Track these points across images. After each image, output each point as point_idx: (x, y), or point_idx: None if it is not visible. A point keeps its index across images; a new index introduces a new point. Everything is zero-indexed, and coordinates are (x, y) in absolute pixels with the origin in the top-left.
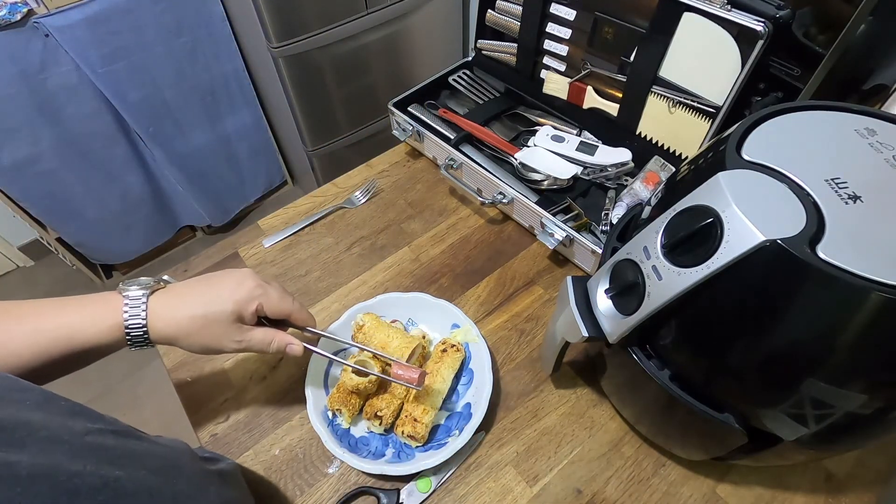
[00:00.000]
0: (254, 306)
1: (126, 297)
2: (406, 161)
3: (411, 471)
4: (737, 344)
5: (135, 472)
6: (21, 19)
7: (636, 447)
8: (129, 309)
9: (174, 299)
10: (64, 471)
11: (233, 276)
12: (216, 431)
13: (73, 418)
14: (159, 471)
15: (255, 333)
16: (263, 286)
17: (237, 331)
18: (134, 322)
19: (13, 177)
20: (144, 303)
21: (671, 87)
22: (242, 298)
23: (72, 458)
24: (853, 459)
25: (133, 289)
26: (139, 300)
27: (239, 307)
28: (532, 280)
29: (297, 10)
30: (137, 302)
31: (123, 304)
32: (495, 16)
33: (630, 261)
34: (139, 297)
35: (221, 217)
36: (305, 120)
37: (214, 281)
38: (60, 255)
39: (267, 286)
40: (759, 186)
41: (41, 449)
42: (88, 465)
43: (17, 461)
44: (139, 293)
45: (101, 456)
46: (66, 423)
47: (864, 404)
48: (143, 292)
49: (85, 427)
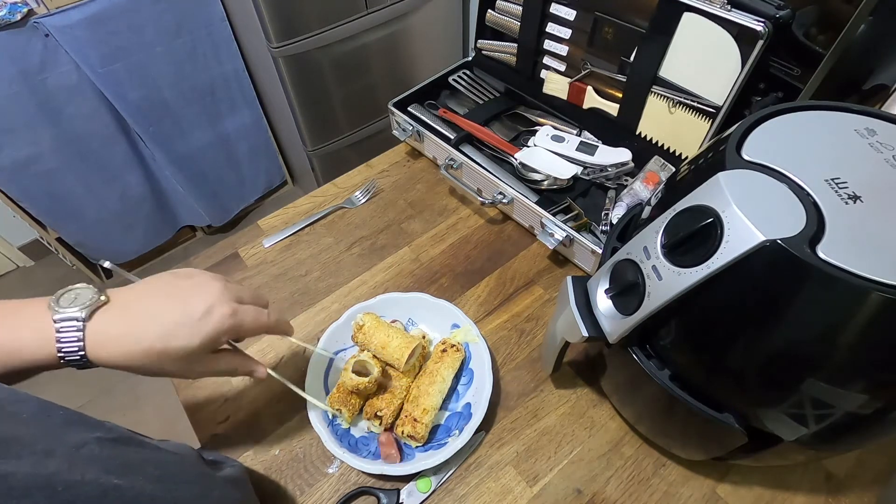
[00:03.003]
0: (224, 339)
1: (57, 320)
2: (406, 161)
3: (411, 471)
4: (737, 344)
5: (134, 480)
6: (21, 19)
7: (636, 447)
8: (62, 334)
9: (122, 323)
10: (61, 481)
11: (200, 297)
12: (216, 431)
13: (70, 428)
14: (159, 478)
15: (220, 363)
16: (235, 313)
17: (199, 362)
18: (69, 350)
19: (13, 177)
20: (81, 330)
21: (671, 87)
22: (212, 333)
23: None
24: (853, 459)
25: (65, 310)
26: (73, 325)
27: (206, 343)
28: (532, 280)
29: (297, 10)
30: (72, 327)
31: (55, 330)
32: (495, 16)
33: (630, 261)
34: (73, 320)
35: (221, 217)
36: (305, 120)
37: (176, 300)
38: (60, 255)
39: (239, 310)
40: (759, 186)
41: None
42: (87, 475)
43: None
44: (74, 314)
45: (100, 465)
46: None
47: (865, 404)
48: (80, 313)
49: (83, 438)
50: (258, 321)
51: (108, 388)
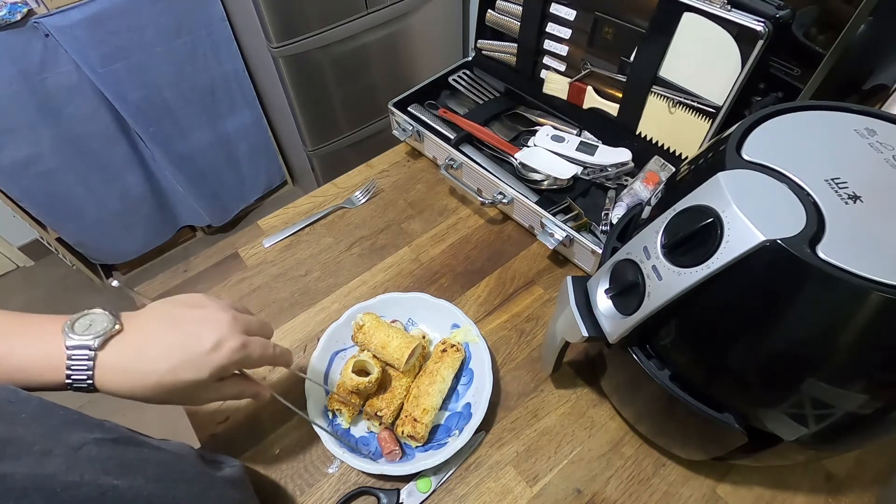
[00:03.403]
0: (232, 370)
1: (70, 346)
2: (406, 161)
3: (411, 471)
4: (737, 344)
5: (133, 481)
6: (21, 19)
7: (636, 447)
8: (73, 362)
9: (133, 355)
10: (59, 482)
11: (210, 331)
12: (216, 432)
13: (70, 428)
14: (158, 478)
15: (227, 390)
16: (244, 346)
17: (207, 391)
18: (78, 378)
19: (13, 177)
20: (92, 359)
21: (671, 87)
22: (221, 365)
23: (68, 469)
24: (853, 459)
25: (80, 338)
26: (84, 354)
27: (215, 375)
28: (532, 280)
29: (297, 10)
30: (83, 356)
31: (66, 357)
32: (495, 16)
33: (630, 261)
34: (86, 348)
35: (221, 217)
36: (305, 120)
37: (186, 334)
38: (60, 255)
39: (249, 342)
40: (759, 186)
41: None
42: (86, 476)
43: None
44: (87, 343)
45: (98, 466)
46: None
47: (864, 404)
48: (93, 342)
49: (82, 438)
50: (265, 354)
51: None
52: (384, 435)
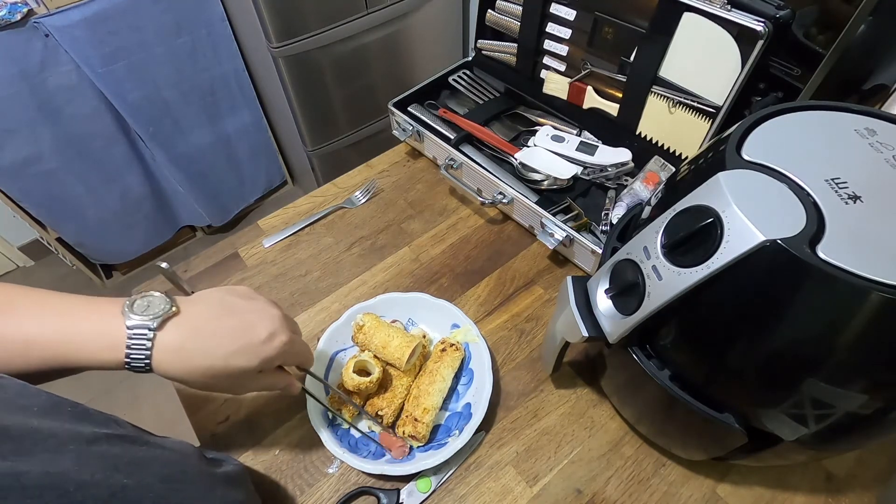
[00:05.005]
0: (276, 363)
1: (130, 326)
2: (406, 161)
3: (411, 471)
4: (737, 344)
5: (141, 480)
6: (21, 19)
7: (636, 447)
8: (132, 341)
9: (190, 340)
10: (72, 481)
11: (263, 324)
12: (216, 431)
13: (80, 424)
14: (166, 477)
15: (265, 380)
16: (292, 340)
17: (251, 380)
18: (136, 357)
19: (13, 177)
20: (151, 339)
21: (671, 87)
22: (270, 357)
23: (79, 467)
24: (853, 459)
25: (140, 317)
26: (145, 333)
27: (265, 365)
28: (532, 280)
29: (297, 10)
30: (143, 335)
31: (127, 336)
32: (495, 16)
33: (630, 261)
34: (145, 329)
35: (221, 217)
36: (305, 120)
37: (241, 324)
38: (60, 255)
39: (294, 338)
40: (759, 186)
41: (49, 457)
42: (96, 474)
43: (26, 471)
44: (146, 323)
45: (109, 464)
46: (73, 430)
47: (865, 404)
48: (152, 325)
49: (93, 433)
50: (305, 350)
51: (109, 387)
52: (386, 434)
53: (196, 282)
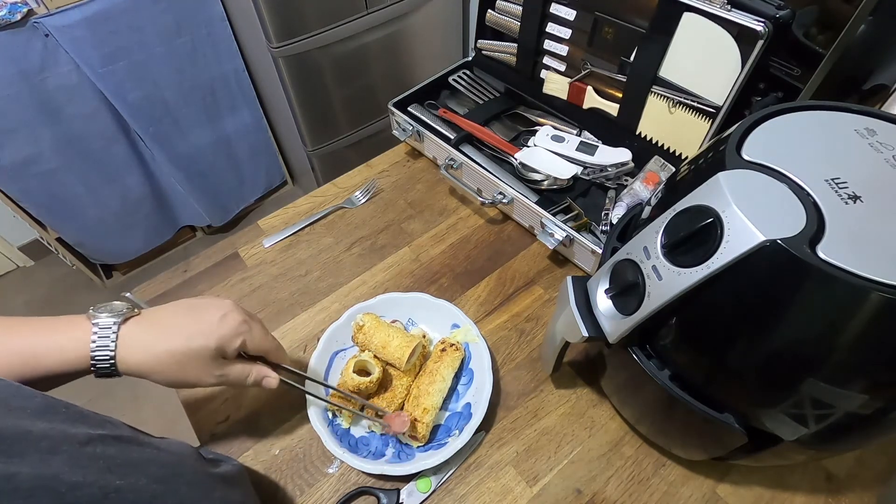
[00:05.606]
0: (237, 342)
1: (95, 324)
2: (406, 161)
3: (411, 471)
4: (737, 344)
5: (136, 481)
6: (21, 19)
7: (636, 447)
8: (97, 338)
9: (150, 331)
10: (64, 482)
11: (216, 308)
12: (216, 431)
13: (74, 425)
14: (161, 478)
15: (234, 368)
16: (248, 321)
17: (216, 366)
18: (101, 354)
19: (13, 177)
20: (115, 332)
21: (671, 87)
22: (227, 334)
23: (72, 469)
24: (853, 459)
25: (104, 316)
26: (108, 329)
27: (222, 343)
28: (532, 280)
29: (297, 10)
30: (107, 331)
31: (92, 333)
32: (495, 16)
33: (630, 261)
34: (109, 325)
35: (221, 217)
36: (305, 120)
37: (196, 312)
38: (60, 255)
39: (251, 321)
40: (759, 186)
41: (41, 459)
42: (89, 476)
43: (18, 473)
44: (109, 321)
45: (102, 465)
46: (67, 431)
47: (864, 404)
48: (115, 320)
49: (87, 434)
50: (266, 337)
51: (109, 387)
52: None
53: (196, 282)
